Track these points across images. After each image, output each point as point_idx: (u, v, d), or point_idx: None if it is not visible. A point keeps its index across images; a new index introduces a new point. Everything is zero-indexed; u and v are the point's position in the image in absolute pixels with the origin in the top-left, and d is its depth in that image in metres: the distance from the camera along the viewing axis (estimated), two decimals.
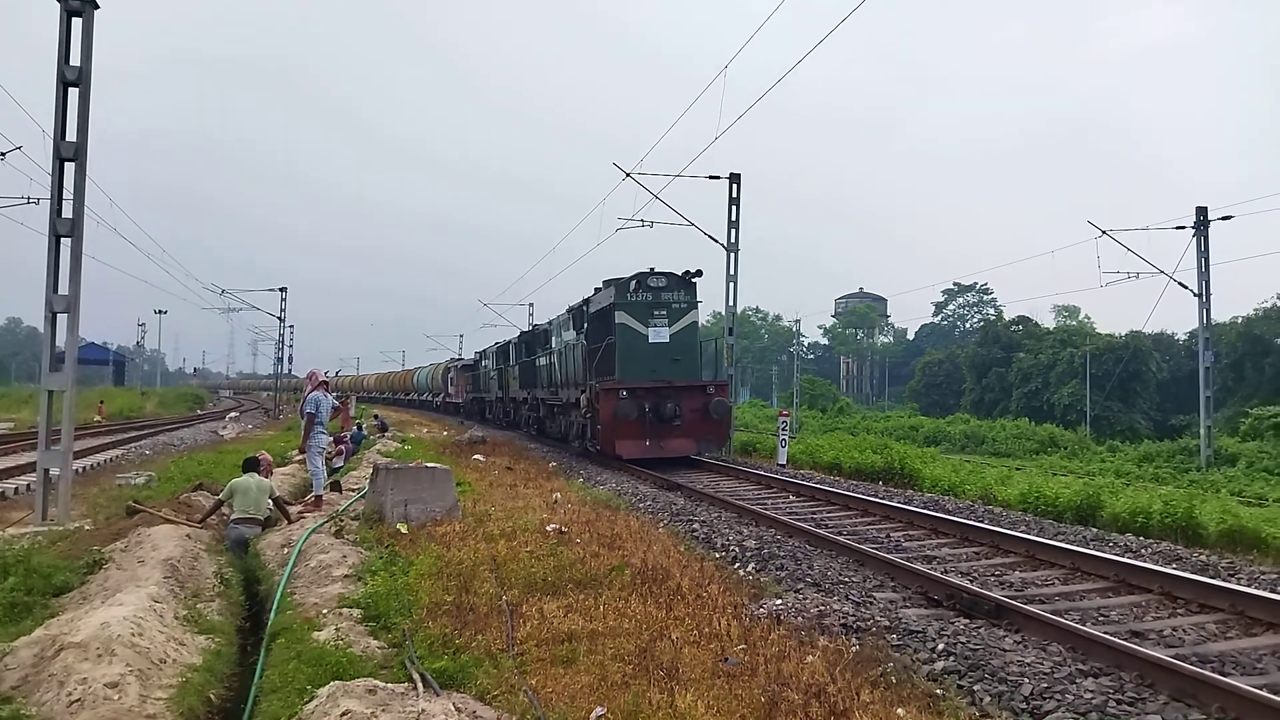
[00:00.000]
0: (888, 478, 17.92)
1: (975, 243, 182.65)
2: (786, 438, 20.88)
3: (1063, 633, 6.34)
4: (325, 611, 6.27)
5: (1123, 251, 25.69)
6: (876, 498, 13.58)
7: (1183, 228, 25.96)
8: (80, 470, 17.93)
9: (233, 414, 48.87)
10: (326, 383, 12.45)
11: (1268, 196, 59.60)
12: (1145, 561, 8.84)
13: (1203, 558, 9.47)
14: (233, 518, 9.85)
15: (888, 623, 6.66)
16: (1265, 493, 21.43)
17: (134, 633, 5.20)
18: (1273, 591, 7.53)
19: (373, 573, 7.25)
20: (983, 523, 11.16)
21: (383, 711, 4.14)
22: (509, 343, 34.32)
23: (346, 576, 7.28)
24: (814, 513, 12.75)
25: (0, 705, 4.44)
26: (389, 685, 4.54)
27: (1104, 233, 25.38)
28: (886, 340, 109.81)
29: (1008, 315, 77.63)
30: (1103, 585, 8.08)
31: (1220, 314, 51.47)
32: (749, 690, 4.74)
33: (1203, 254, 26.03)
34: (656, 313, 19.14)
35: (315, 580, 7.28)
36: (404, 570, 7.36)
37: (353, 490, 12.70)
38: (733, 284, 23.17)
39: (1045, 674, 5.61)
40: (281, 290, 51.72)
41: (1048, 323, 75.87)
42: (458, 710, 4.23)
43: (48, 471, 11.25)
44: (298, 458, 16.09)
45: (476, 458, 18.68)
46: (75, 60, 11.07)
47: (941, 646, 6.14)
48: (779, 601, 7.05)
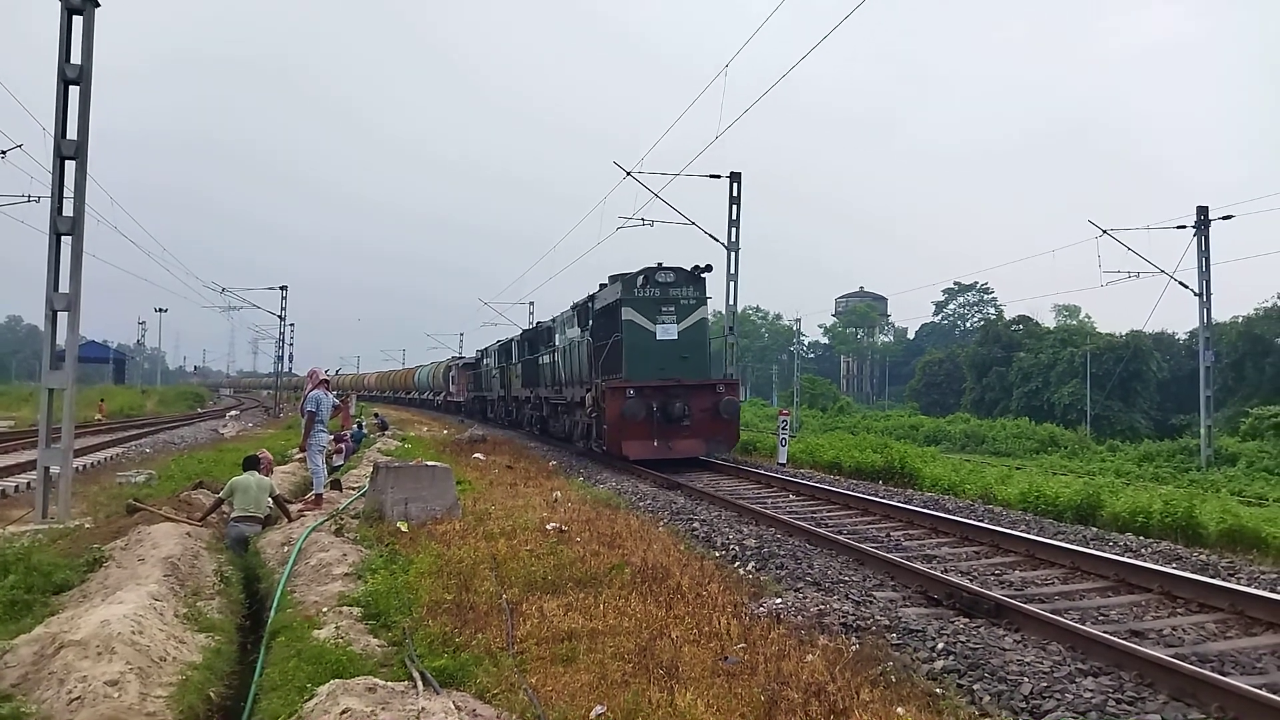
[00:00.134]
0: (888, 477, 17.91)
1: (975, 242, 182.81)
2: (786, 437, 20.88)
3: (1062, 632, 6.34)
4: (325, 610, 6.28)
5: (1123, 251, 25.75)
6: (876, 497, 13.58)
7: (1183, 227, 26.00)
8: (80, 468, 17.95)
9: (233, 412, 48.97)
10: (327, 381, 12.45)
11: (1268, 196, 59.68)
12: (1145, 561, 8.84)
13: (1203, 557, 9.47)
14: (233, 516, 9.85)
15: (887, 622, 6.66)
16: (1265, 492, 21.44)
17: (134, 631, 5.20)
18: (1273, 591, 7.53)
19: (373, 571, 7.26)
20: (983, 522, 11.15)
21: (383, 710, 4.14)
22: (511, 341, 33.87)
23: (346, 575, 7.28)
24: (814, 512, 12.75)
25: (0, 703, 4.45)
26: (389, 683, 4.54)
27: (1104, 232, 25.42)
28: (887, 339, 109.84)
29: (1008, 315, 77.81)
30: (1103, 585, 8.08)
31: (1221, 314, 51.56)
32: (749, 689, 4.74)
33: (1203, 254, 26.05)
34: (664, 309, 18.56)
35: (315, 578, 7.29)
36: (404, 569, 7.37)
37: (353, 489, 12.71)
38: (733, 283, 23.25)
39: (1045, 673, 5.61)
40: (282, 289, 51.81)
41: (1048, 322, 76.02)
42: (457, 708, 4.24)
43: (48, 469, 11.26)
44: (298, 456, 16.10)
45: (477, 456, 18.69)
46: (76, 59, 11.08)
47: (941, 645, 6.14)
48: (779, 600, 7.05)
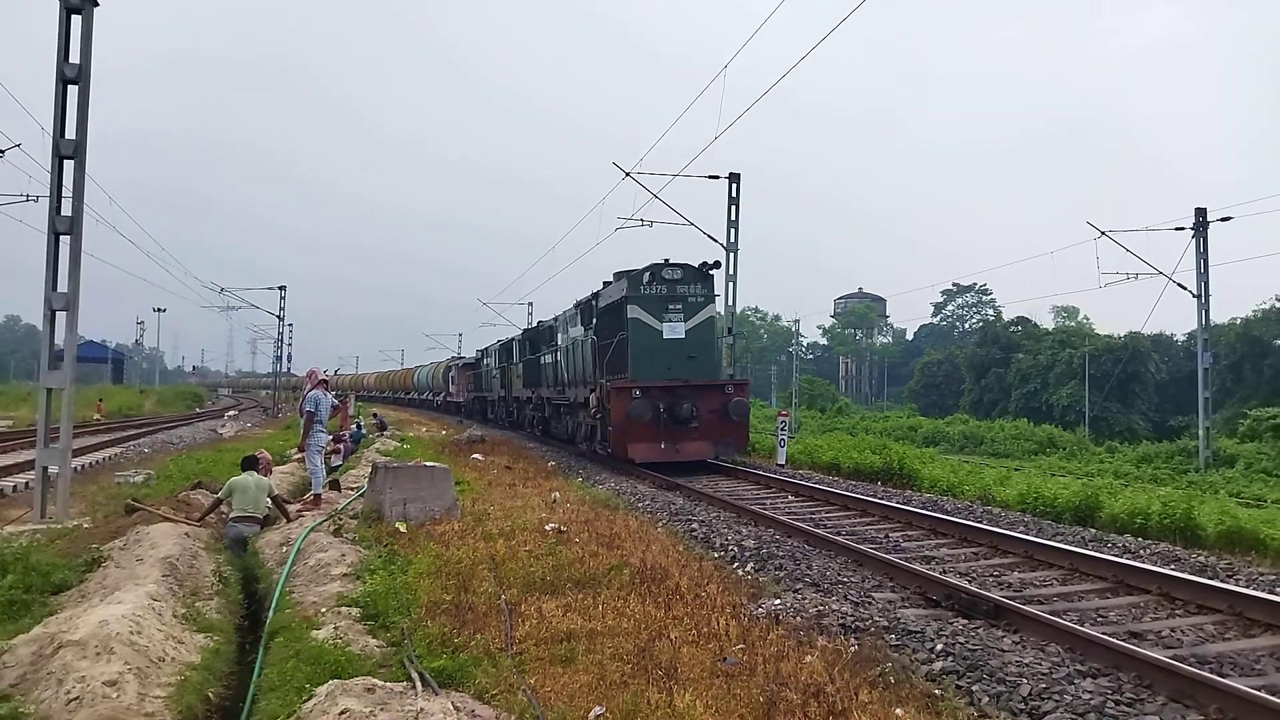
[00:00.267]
0: (886, 478, 17.91)
1: (974, 243, 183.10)
2: (785, 438, 20.88)
3: (1061, 633, 6.34)
4: (324, 610, 6.27)
5: (1122, 252, 25.83)
6: (875, 498, 13.58)
7: (1182, 229, 26.03)
8: (79, 468, 17.93)
9: (231, 412, 48.97)
10: (326, 381, 12.44)
11: (1267, 198, 59.68)
12: (1144, 562, 8.84)
13: (1201, 559, 9.47)
14: (231, 516, 9.85)
15: (886, 623, 6.66)
16: (1264, 494, 21.47)
17: (132, 631, 5.19)
18: (1271, 593, 7.53)
19: (371, 571, 7.25)
20: (981, 523, 11.15)
21: (381, 710, 4.14)
22: (512, 340, 33.48)
23: (345, 575, 7.28)
24: (813, 513, 12.75)
25: None
26: (387, 684, 4.54)
27: (1103, 233, 25.45)
28: (885, 340, 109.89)
29: (1007, 316, 77.96)
30: (1101, 586, 8.08)
31: (1219, 315, 51.67)
32: (747, 690, 4.74)
33: (1202, 255, 26.08)
34: (672, 306, 17.98)
35: (314, 579, 7.28)
36: (403, 569, 7.36)
37: (351, 489, 12.71)
38: (732, 283, 23.25)
39: (1044, 674, 5.61)
40: (281, 289, 51.72)
41: (1047, 323, 76.09)
42: (456, 709, 4.23)
43: (46, 469, 11.25)
44: (296, 456, 16.10)
45: (475, 457, 18.69)
46: (75, 58, 11.07)
47: (940, 647, 6.14)
48: (778, 601, 7.05)
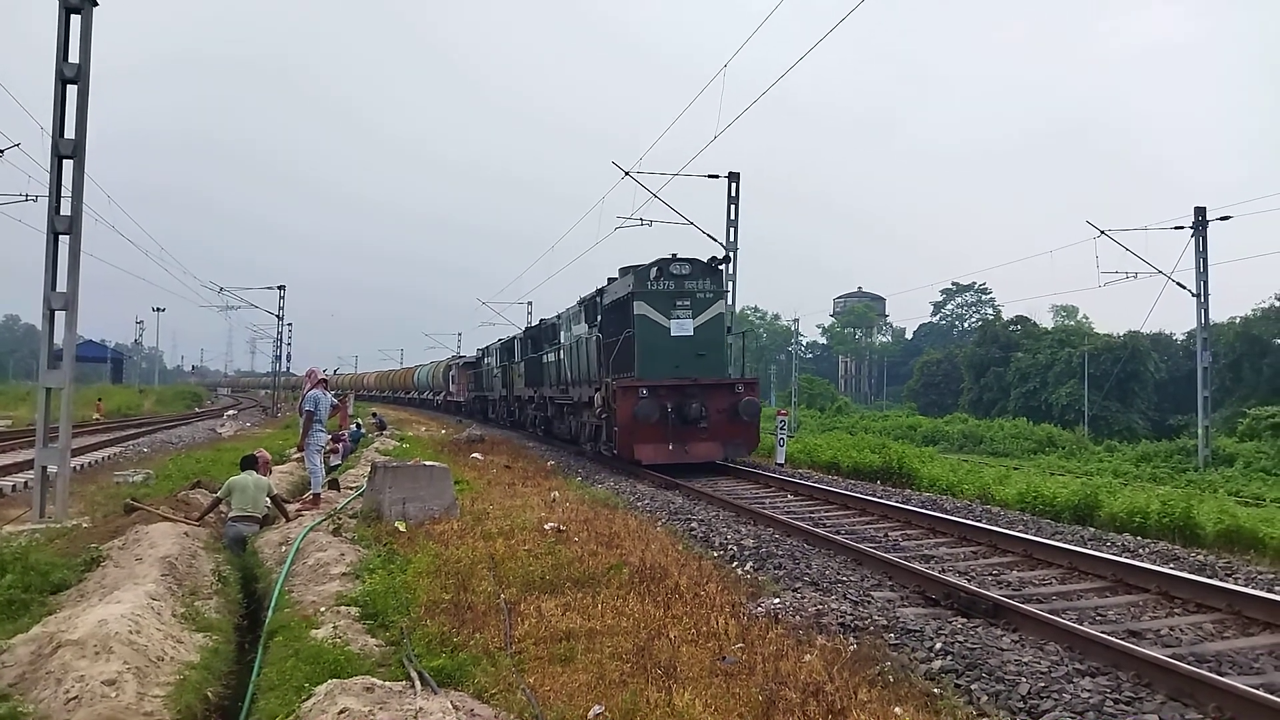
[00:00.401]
0: (886, 477, 17.92)
1: (974, 243, 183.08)
2: (785, 437, 20.86)
3: (1060, 632, 6.34)
4: (323, 609, 6.27)
5: (1121, 251, 25.80)
6: (874, 497, 13.58)
7: (1181, 228, 26.04)
8: (78, 468, 17.93)
9: (231, 412, 48.92)
10: (326, 380, 12.44)
11: (1266, 197, 59.73)
12: (1143, 561, 8.84)
13: (1200, 557, 9.48)
14: (230, 515, 9.85)
15: (885, 622, 6.66)
16: (1263, 493, 21.51)
17: (131, 630, 5.19)
18: (1270, 591, 7.53)
19: (370, 571, 7.25)
20: (980, 522, 11.15)
21: (380, 709, 4.14)
22: (514, 339, 33.06)
23: (344, 574, 7.28)
24: (812, 512, 12.75)
25: None
26: (387, 683, 4.54)
27: (1102, 233, 25.46)
28: (885, 340, 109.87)
29: (1006, 315, 77.93)
30: (1100, 585, 8.08)
31: (1218, 314, 51.69)
32: (747, 689, 4.74)
33: (1201, 254, 26.10)
34: (679, 303, 17.36)
35: (313, 578, 7.28)
36: (402, 568, 7.36)
37: (351, 488, 12.71)
38: (732, 283, 23.24)
39: (1042, 673, 5.62)
40: (280, 289, 51.72)
41: (1046, 323, 76.09)
42: (455, 708, 4.23)
43: (45, 469, 11.24)
44: (296, 455, 16.09)
45: (475, 456, 18.69)
46: (74, 58, 11.06)
47: (939, 645, 6.14)
48: (777, 600, 7.05)
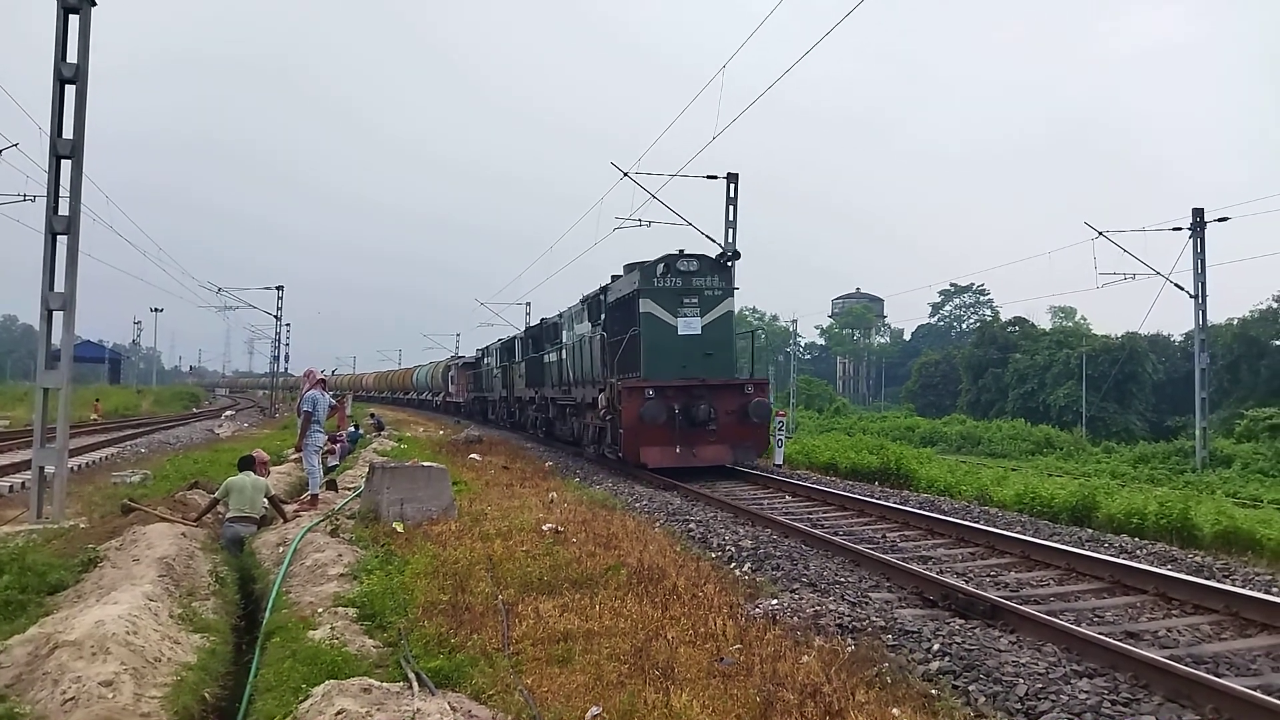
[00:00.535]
0: (884, 478, 17.92)
1: (972, 244, 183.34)
2: (783, 438, 20.85)
3: (1058, 633, 6.35)
4: (320, 610, 6.27)
5: (1119, 252, 25.82)
6: (872, 498, 13.59)
7: (1179, 229, 26.05)
8: (76, 468, 17.89)
9: (228, 412, 48.94)
10: (324, 381, 12.45)
11: (1265, 198, 59.75)
12: (1140, 562, 8.85)
13: (1198, 559, 9.49)
14: (228, 516, 9.84)
15: (883, 623, 6.66)
16: (1260, 494, 21.52)
17: (129, 631, 5.18)
18: (1267, 593, 7.55)
19: (368, 571, 7.24)
20: (978, 523, 11.16)
21: (378, 710, 4.14)
22: (514, 338, 32.71)
23: (342, 575, 7.27)
24: (810, 513, 12.75)
25: None
26: (384, 684, 4.54)
27: (1100, 234, 25.48)
28: (883, 341, 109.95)
29: (1004, 316, 77.93)
30: (1098, 586, 8.09)
31: (1216, 315, 51.60)
32: (744, 690, 4.74)
33: (1199, 256, 26.11)
34: (687, 300, 16.85)
35: (310, 579, 7.27)
36: (399, 569, 7.36)
37: (349, 489, 12.70)
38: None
39: (1040, 674, 5.62)
40: (278, 289, 51.68)
41: (1044, 324, 76.12)
42: (453, 709, 4.23)
43: (43, 469, 11.23)
44: (294, 456, 16.08)
45: (473, 457, 18.69)
46: (72, 58, 11.04)
47: (937, 647, 6.14)
48: (775, 601, 7.05)
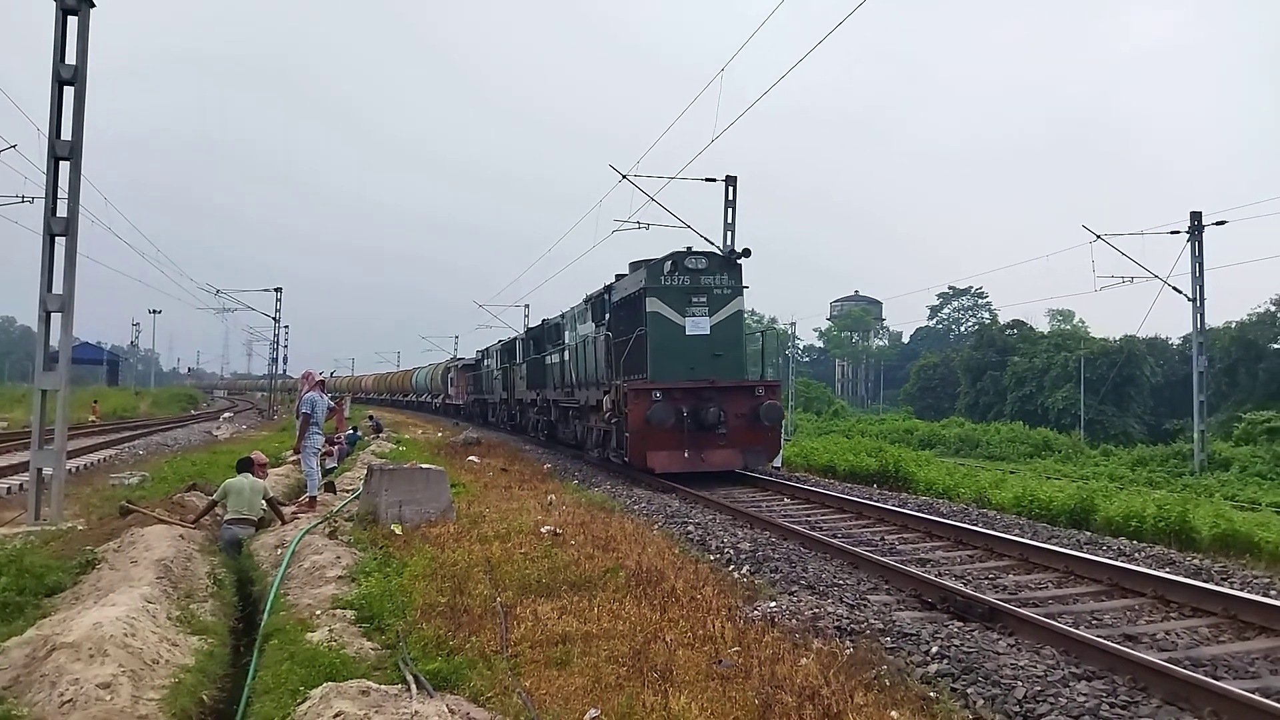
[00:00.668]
0: (882, 481, 17.92)
1: (971, 246, 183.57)
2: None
3: (1056, 636, 6.35)
4: (319, 613, 6.26)
5: (1117, 256, 25.90)
6: (871, 501, 13.59)
7: (1177, 232, 26.07)
8: (74, 470, 17.86)
9: (227, 414, 48.90)
10: (323, 383, 12.44)
11: (1264, 201, 59.83)
12: (1139, 565, 8.85)
13: (1196, 562, 9.49)
14: (226, 518, 9.83)
15: (882, 625, 6.66)
16: (1258, 497, 21.55)
17: (126, 633, 5.18)
18: (1265, 595, 7.56)
19: (366, 574, 7.24)
20: (977, 526, 11.16)
21: (376, 713, 4.13)
22: (515, 339, 32.31)
23: (340, 577, 7.27)
24: (808, 515, 12.75)
25: None
26: (382, 687, 4.53)
27: (1098, 237, 25.49)
28: (881, 343, 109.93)
29: (1002, 319, 77.85)
30: (1096, 589, 8.09)
31: (1214, 319, 51.56)
32: (743, 692, 4.74)
33: (1197, 259, 26.13)
34: (695, 299, 16.32)
35: (309, 581, 7.27)
36: (398, 571, 7.35)
37: (347, 491, 12.69)
38: None
39: (1039, 677, 5.62)
40: (276, 291, 51.56)
41: (1042, 327, 76.09)
42: (451, 712, 4.23)
43: (41, 471, 11.21)
44: (292, 458, 16.07)
45: (471, 459, 18.68)
46: (71, 59, 11.04)
47: (935, 649, 6.14)
48: (773, 604, 7.05)
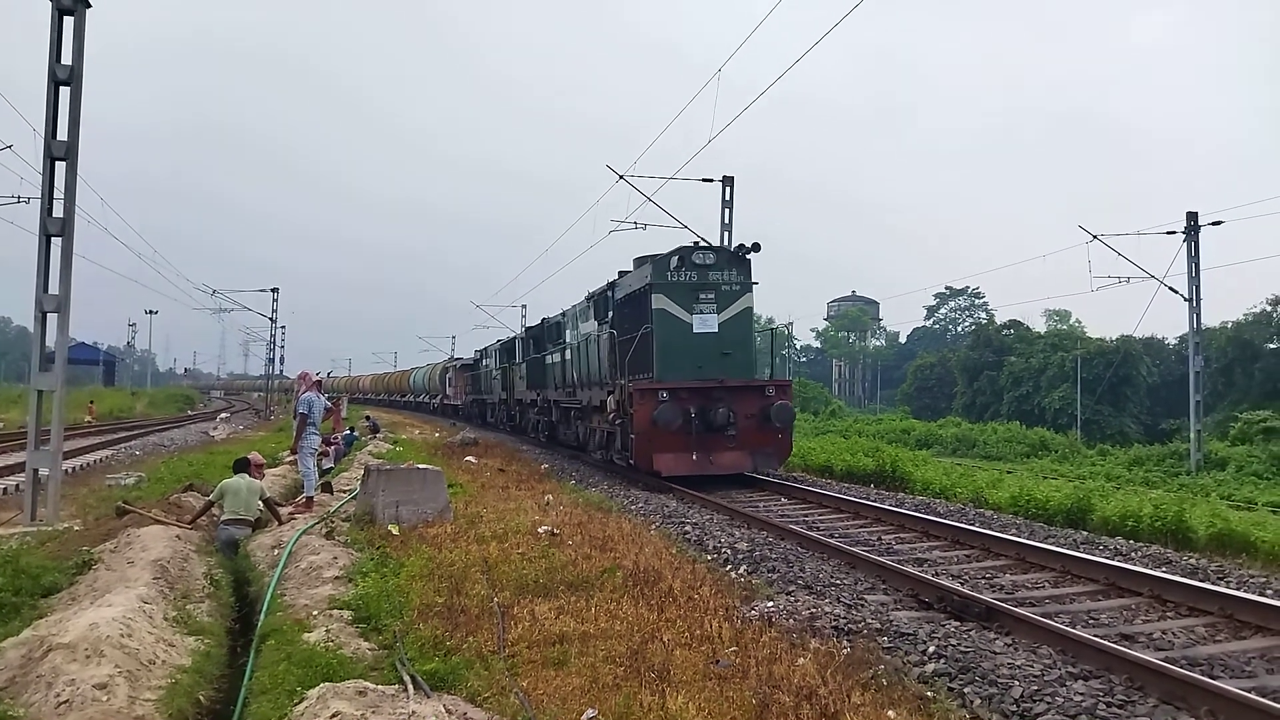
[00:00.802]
0: (879, 481, 17.92)
1: (967, 246, 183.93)
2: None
3: (1053, 635, 6.36)
4: (315, 613, 6.26)
5: (1114, 256, 25.95)
6: (868, 500, 13.59)
7: (1173, 233, 26.14)
8: (70, 470, 17.82)
9: (223, 415, 48.82)
10: (319, 383, 12.42)
11: (1260, 201, 60.05)
12: (1135, 565, 8.87)
13: (1192, 561, 9.51)
14: (223, 519, 9.82)
15: (879, 625, 6.66)
16: (1254, 497, 21.60)
17: (123, 634, 5.17)
18: (1261, 595, 7.57)
19: (363, 574, 7.23)
20: (974, 526, 11.17)
21: (373, 713, 4.13)
22: (514, 339, 31.93)
23: (337, 578, 7.26)
24: (806, 515, 12.75)
25: None
26: (379, 687, 4.53)
27: (1095, 237, 25.56)
28: (878, 343, 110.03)
29: (999, 319, 77.96)
30: (1093, 588, 8.10)
31: (1210, 319, 51.66)
32: (740, 692, 4.74)
33: (1193, 259, 26.20)
34: (703, 296, 15.80)
35: (306, 581, 7.26)
36: (395, 572, 7.34)
37: (344, 492, 12.67)
38: None
39: (1035, 676, 5.63)
40: (273, 291, 51.47)
41: (1039, 327, 76.22)
42: (448, 712, 4.22)
43: (37, 471, 11.19)
44: (289, 459, 16.04)
45: (469, 459, 18.67)
46: (67, 59, 11.02)
47: (932, 649, 6.15)
48: (770, 604, 7.05)
